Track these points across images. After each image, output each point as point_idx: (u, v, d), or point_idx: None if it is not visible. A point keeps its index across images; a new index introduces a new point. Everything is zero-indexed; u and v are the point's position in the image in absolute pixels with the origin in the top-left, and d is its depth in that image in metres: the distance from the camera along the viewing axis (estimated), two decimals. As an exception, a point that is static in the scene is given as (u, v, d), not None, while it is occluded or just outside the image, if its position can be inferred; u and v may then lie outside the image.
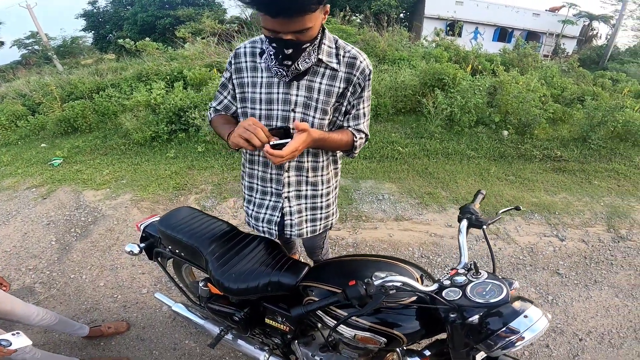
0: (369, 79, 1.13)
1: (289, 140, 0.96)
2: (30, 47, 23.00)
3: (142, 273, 2.37)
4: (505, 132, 4.42)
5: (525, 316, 0.84)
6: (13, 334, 1.27)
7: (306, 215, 1.31)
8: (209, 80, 5.47)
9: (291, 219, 1.29)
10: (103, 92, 6.11)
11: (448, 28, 13.99)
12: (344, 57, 1.08)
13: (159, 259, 1.53)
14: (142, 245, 1.49)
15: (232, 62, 1.14)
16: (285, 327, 1.26)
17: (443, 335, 1.07)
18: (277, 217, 1.29)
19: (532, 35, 16.77)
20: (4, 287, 1.58)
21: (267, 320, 1.29)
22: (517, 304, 0.87)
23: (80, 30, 22.91)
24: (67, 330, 1.77)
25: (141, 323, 2.02)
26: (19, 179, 3.88)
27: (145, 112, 4.71)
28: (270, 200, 1.29)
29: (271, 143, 0.95)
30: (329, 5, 0.95)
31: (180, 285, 1.69)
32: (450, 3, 16.51)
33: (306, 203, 1.29)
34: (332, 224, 1.42)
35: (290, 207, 1.27)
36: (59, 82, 7.05)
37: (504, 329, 0.84)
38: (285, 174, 1.20)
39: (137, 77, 6.77)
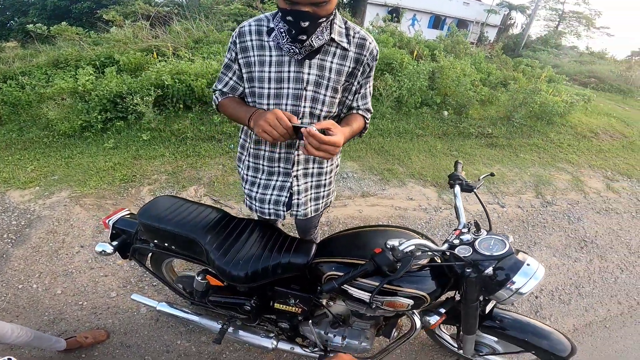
0: (376, 60, 1.16)
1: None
2: None
3: (105, 275, 2.14)
4: (446, 113, 4.82)
5: (528, 264, 0.97)
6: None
7: (311, 194, 1.31)
8: (146, 64, 5.00)
9: (298, 198, 1.27)
10: (12, 80, 5.23)
11: (393, 14, 14.54)
12: (354, 37, 1.09)
13: (136, 255, 1.38)
14: (115, 243, 1.34)
15: (237, 41, 1.09)
16: (296, 309, 1.23)
17: (450, 294, 1.19)
18: (285, 197, 1.25)
19: (461, 24, 18.21)
20: None
21: (276, 305, 1.25)
22: (519, 256, 1.00)
23: (-26, 16, 19.15)
24: (44, 345, 1.55)
25: (121, 329, 1.84)
26: None
27: (72, 100, 4.15)
28: (277, 181, 1.25)
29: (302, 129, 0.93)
30: None
31: (166, 282, 1.56)
32: (392, -11, 17.12)
33: (312, 181, 1.29)
34: (331, 201, 1.44)
35: (298, 185, 1.25)
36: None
37: (512, 278, 0.95)
38: (296, 152, 1.18)
39: (54, 64, 5.92)
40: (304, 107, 1.10)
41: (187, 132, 3.75)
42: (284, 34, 1.00)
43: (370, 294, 1.01)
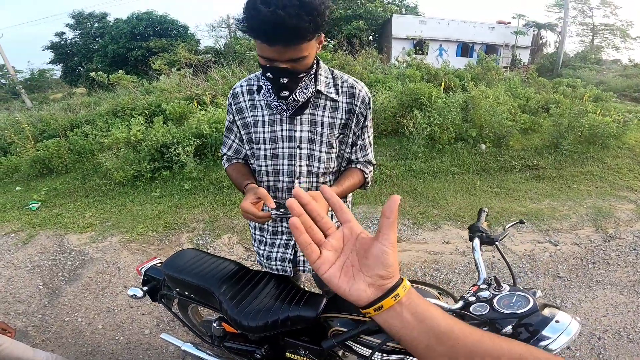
0: (370, 107, 1.13)
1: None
2: (-5, 81, 22.07)
3: (142, 314, 2.28)
4: (483, 146, 4.63)
5: (557, 321, 0.88)
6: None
7: None
8: (189, 113, 5.44)
9: (303, 255, 1.28)
10: (78, 129, 5.92)
11: (417, 47, 14.75)
12: (342, 86, 1.08)
13: (164, 300, 1.50)
14: (145, 288, 1.48)
15: (232, 103, 1.13)
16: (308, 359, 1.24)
17: None
18: (290, 254, 1.27)
19: (490, 49, 17.86)
20: (9, 333, 1.49)
21: (288, 355, 1.27)
22: (546, 312, 0.91)
23: (47, 62, 22.21)
24: None
25: None
26: None
27: (126, 150, 4.58)
28: (281, 239, 1.28)
29: (272, 214, 0.95)
30: (323, 35, 0.94)
31: (190, 325, 1.64)
32: (414, 23, 17.45)
33: None
34: None
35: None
36: (30, 119, 6.77)
37: (538, 335, 0.86)
38: None
39: (113, 112, 6.64)
40: (300, 166, 1.10)
41: (224, 182, 3.96)
42: (270, 91, 1.01)
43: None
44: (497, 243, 1.15)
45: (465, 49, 18.38)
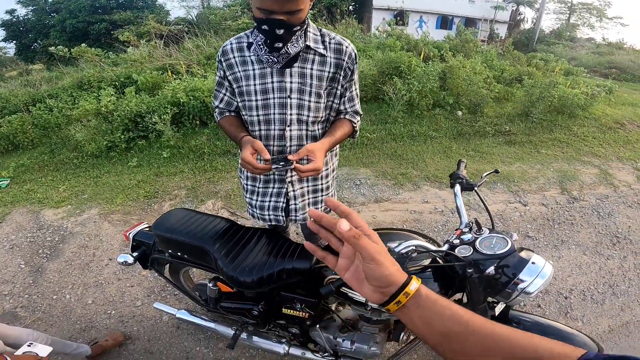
0: (356, 62, 1.20)
1: (287, 160, 1.02)
2: (-54, 63, 20.20)
3: (131, 286, 2.26)
4: (460, 112, 4.76)
5: (533, 263, 0.94)
6: (29, 345, 1.24)
7: (308, 199, 1.36)
8: (162, 83, 5.21)
9: (295, 203, 1.32)
10: (41, 103, 5.54)
11: (398, 18, 14.55)
12: (329, 43, 1.14)
13: (155, 265, 1.47)
14: (135, 254, 1.44)
15: (222, 59, 1.17)
16: (304, 313, 1.27)
17: (458, 296, 1.16)
18: (283, 202, 1.32)
19: (469, 22, 17.95)
20: None
21: (284, 310, 1.29)
22: (523, 254, 0.98)
23: (-1, 40, 20.52)
24: (66, 350, 1.64)
25: (145, 336, 1.94)
26: None
27: (97, 121, 4.36)
28: (273, 188, 1.31)
29: (273, 167, 1.02)
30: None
31: (183, 290, 1.64)
32: (396, -7, 17.14)
33: (308, 186, 1.34)
34: (327, 208, 1.46)
35: (294, 191, 1.30)
36: (-14, 96, 6.27)
37: (518, 276, 0.93)
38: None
39: (78, 86, 6.25)
40: (291, 114, 1.16)
41: (204, 148, 3.88)
42: (261, 46, 1.07)
43: None
44: (476, 188, 1.22)
45: (445, 21, 18.36)
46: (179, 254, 1.33)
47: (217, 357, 1.80)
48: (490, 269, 0.95)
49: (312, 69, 1.13)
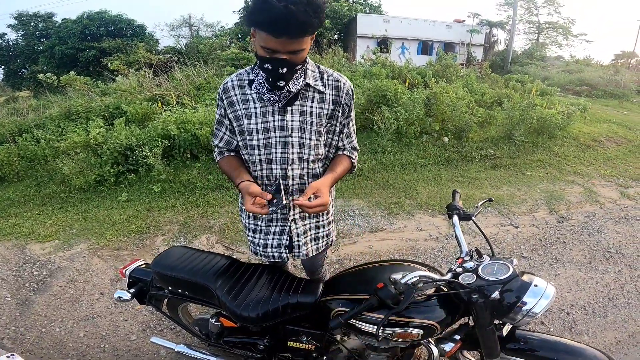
0: (353, 99, 1.23)
1: (280, 195, 1.05)
2: None
3: (125, 320, 2.19)
4: (446, 139, 4.92)
5: (535, 285, 1.00)
6: (8, 356, 1.18)
7: (310, 235, 1.36)
8: (152, 114, 5.22)
9: (298, 240, 1.32)
10: (27, 134, 5.45)
11: (381, 46, 15.19)
12: (328, 80, 1.17)
13: (153, 301, 1.46)
14: (132, 290, 1.43)
15: (223, 97, 1.18)
16: (310, 346, 1.27)
17: (464, 320, 1.19)
18: (286, 240, 1.31)
19: (448, 47, 18.87)
20: None
21: (290, 344, 1.29)
22: (525, 277, 1.03)
23: (-14, 65, 20.45)
24: None
25: None
26: None
27: (85, 154, 4.31)
28: (276, 226, 1.31)
29: (270, 210, 1.05)
30: (315, 33, 1.02)
31: (183, 325, 1.61)
32: (378, 22, 17.98)
33: (310, 223, 1.34)
34: (332, 240, 1.48)
35: (297, 228, 1.30)
36: (-29, 125, 6.13)
37: (522, 299, 0.98)
38: (290, 198, 1.24)
39: (66, 116, 6.20)
40: (292, 153, 1.17)
41: (196, 182, 3.86)
42: (263, 84, 1.08)
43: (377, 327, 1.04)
44: (473, 218, 1.28)
45: (425, 47, 19.23)
46: (179, 291, 1.32)
47: None
48: (495, 294, 0.99)
49: (312, 106, 1.15)
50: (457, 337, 1.20)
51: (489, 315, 1.05)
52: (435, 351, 1.24)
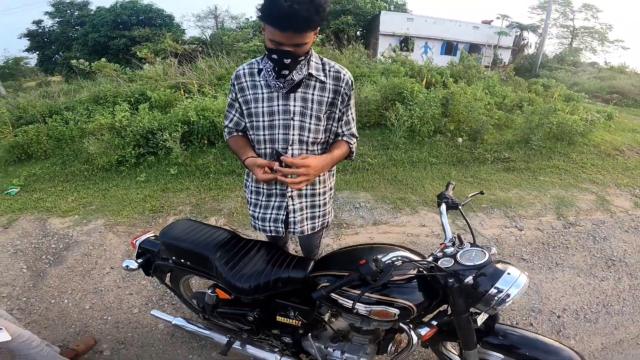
0: (352, 89, 1.34)
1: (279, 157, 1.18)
2: (-33, 68, 21.09)
3: (130, 294, 2.34)
4: (460, 139, 4.87)
5: (508, 273, 1.04)
6: None
7: (306, 213, 1.45)
8: (175, 101, 5.43)
9: (294, 217, 1.42)
10: (57, 115, 5.79)
11: (402, 44, 15.01)
12: (329, 71, 1.28)
13: (157, 272, 1.58)
14: (140, 260, 1.55)
15: (235, 83, 1.32)
16: (297, 321, 1.35)
17: (443, 308, 1.24)
18: (283, 215, 1.41)
19: (473, 48, 18.42)
20: None
21: (278, 318, 1.38)
22: (499, 265, 1.08)
23: (23, 50, 21.42)
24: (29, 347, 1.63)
25: (138, 342, 1.99)
26: None
27: (110, 136, 4.56)
28: (275, 202, 1.42)
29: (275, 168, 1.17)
30: (319, 28, 1.14)
31: (182, 297, 1.73)
32: (402, 20, 17.71)
33: (306, 201, 1.44)
34: (328, 222, 1.57)
35: (293, 205, 1.40)
36: (6, 105, 6.56)
37: (495, 286, 1.02)
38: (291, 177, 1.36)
39: (94, 100, 6.51)
40: (293, 134, 1.29)
41: (211, 167, 4.03)
42: (270, 72, 1.21)
43: (359, 303, 1.12)
44: (460, 207, 1.33)
45: (449, 47, 18.82)
46: (182, 260, 1.43)
47: None
48: (469, 279, 1.03)
49: (313, 94, 1.27)
50: (434, 322, 1.25)
51: (463, 300, 1.09)
52: (415, 338, 1.29)
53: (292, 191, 1.38)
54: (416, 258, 1.09)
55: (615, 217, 3.36)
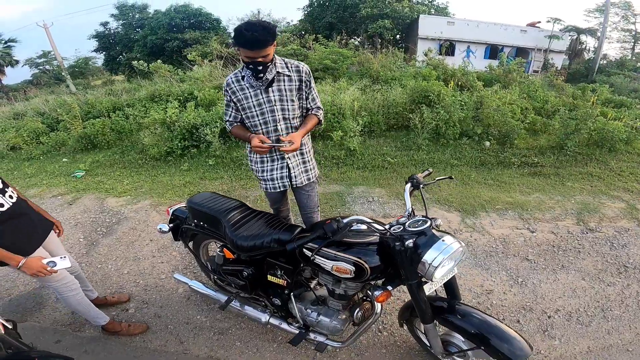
0: (311, 76, 1.88)
1: (278, 140, 1.81)
2: (41, 67, 23.96)
3: (162, 262, 2.75)
4: (487, 143, 4.84)
5: (443, 240, 1.23)
6: (61, 258, 1.63)
7: (301, 168, 2.00)
8: (217, 100, 6.00)
9: (294, 172, 1.96)
10: (119, 111, 6.65)
11: (442, 48, 14.72)
12: (291, 67, 1.82)
13: (183, 237, 1.97)
14: (171, 225, 1.96)
15: (227, 89, 1.83)
16: (282, 281, 1.63)
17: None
18: (286, 172, 1.96)
19: (521, 52, 17.44)
20: (59, 231, 1.95)
21: (269, 277, 1.68)
22: (437, 232, 1.26)
23: (92, 51, 23.69)
24: (84, 284, 2.08)
25: (159, 303, 2.34)
26: (44, 189, 4.33)
27: (161, 130, 5.19)
28: (278, 164, 1.95)
29: (273, 145, 1.78)
30: (276, 42, 1.66)
31: (199, 260, 2.12)
32: (442, 23, 17.34)
33: (298, 159, 1.99)
34: (315, 175, 2.09)
35: (291, 162, 1.95)
36: (77, 101, 7.61)
37: (429, 251, 1.20)
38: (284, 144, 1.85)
39: (151, 98, 7.33)
40: (278, 115, 1.82)
41: (243, 160, 4.47)
42: (250, 77, 1.75)
43: (324, 258, 1.36)
44: (421, 187, 1.53)
45: (494, 51, 18.00)
46: (201, 223, 1.80)
47: (212, 325, 2.14)
48: (409, 242, 1.23)
49: (284, 85, 1.80)
50: (389, 287, 1.43)
51: (409, 264, 1.26)
52: (378, 307, 1.53)
53: (288, 156, 1.93)
54: (369, 220, 1.28)
55: (644, 226, 3.18)
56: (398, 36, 17.92)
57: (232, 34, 1.62)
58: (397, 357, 1.90)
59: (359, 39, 15.94)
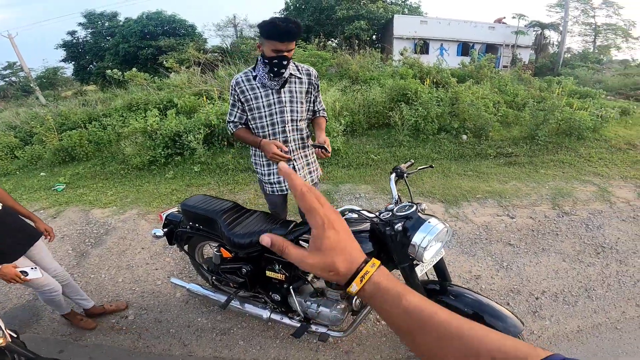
0: (319, 79, 1.94)
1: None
2: (7, 79, 22.76)
3: (156, 269, 2.74)
4: (464, 136, 5.07)
5: (429, 222, 1.30)
6: (32, 268, 1.70)
7: (306, 170, 2.02)
8: (198, 107, 5.95)
9: (300, 173, 1.95)
10: (96, 122, 6.47)
11: (417, 47, 15.15)
12: (302, 70, 1.85)
13: (178, 241, 1.98)
14: (165, 230, 1.97)
15: (236, 88, 1.79)
16: (281, 275, 1.67)
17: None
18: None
19: (490, 48, 18.15)
20: (50, 237, 1.95)
21: (267, 273, 1.71)
22: (422, 216, 1.34)
23: (60, 60, 22.62)
24: (73, 296, 2.10)
25: (158, 308, 2.35)
26: (24, 204, 4.08)
27: (142, 139, 5.11)
28: None
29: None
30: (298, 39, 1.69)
31: (195, 262, 2.13)
32: (415, 23, 17.85)
33: (303, 162, 2.01)
34: (318, 176, 2.12)
35: (297, 165, 1.96)
36: (49, 113, 7.34)
37: (416, 233, 1.27)
38: (290, 146, 1.92)
39: (128, 107, 7.17)
40: (287, 116, 1.83)
41: (229, 165, 4.49)
42: (265, 76, 1.73)
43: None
44: (405, 177, 1.62)
45: (465, 48, 18.64)
46: (197, 225, 1.82)
47: (214, 327, 2.17)
48: (398, 226, 1.30)
49: (295, 87, 1.82)
50: None
51: (400, 247, 1.31)
52: None
53: (294, 157, 1.93)
54: (358, 209, 1.35)
55: (615, 207, 3.41)
56: (374, 36, 18.29)
57: (260, 28, 1.60)
58: (397, 344, 1.99)
59: (336, 41, 16.19)
